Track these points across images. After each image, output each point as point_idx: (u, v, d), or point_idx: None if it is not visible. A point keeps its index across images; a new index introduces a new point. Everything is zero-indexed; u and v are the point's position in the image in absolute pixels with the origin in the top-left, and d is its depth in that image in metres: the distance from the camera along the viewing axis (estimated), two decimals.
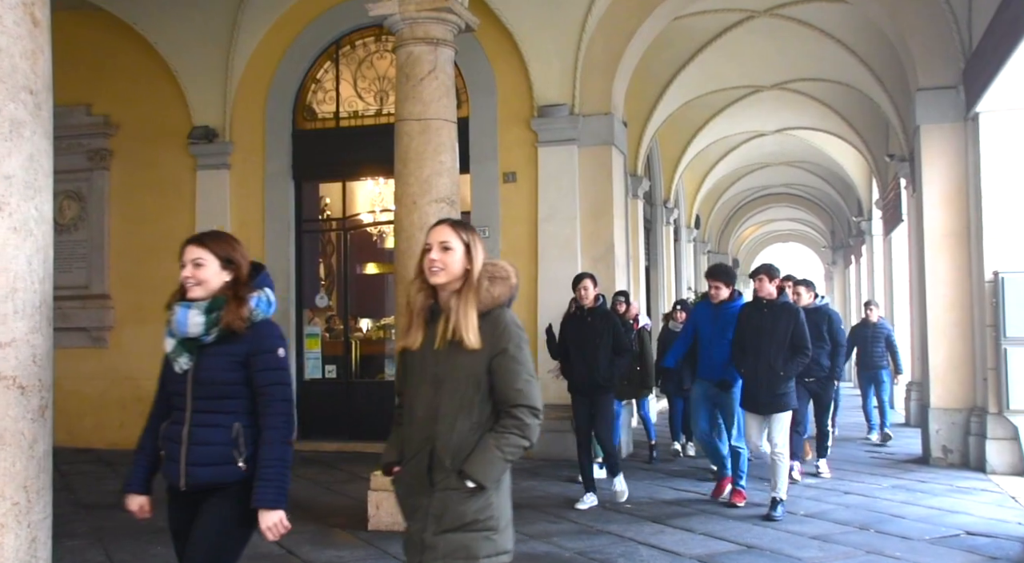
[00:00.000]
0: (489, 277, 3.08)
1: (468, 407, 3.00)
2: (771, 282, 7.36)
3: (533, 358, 3.16)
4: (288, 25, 11.63)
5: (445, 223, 3.18)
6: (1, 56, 3.20)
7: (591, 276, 7.91)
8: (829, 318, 9.17)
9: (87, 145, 12.11)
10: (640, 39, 11.02)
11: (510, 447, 2.97)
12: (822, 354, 8.92)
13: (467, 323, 2.98)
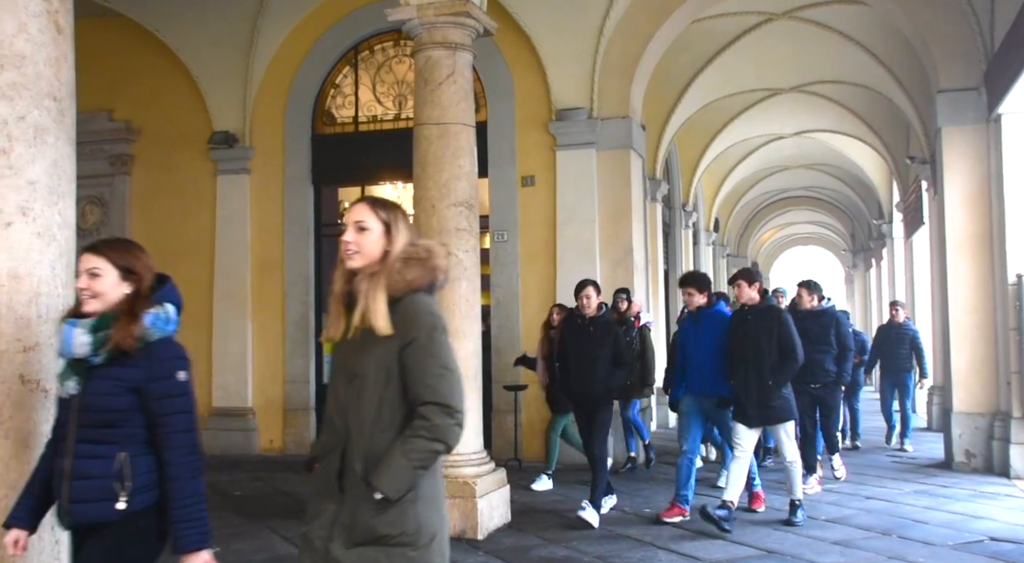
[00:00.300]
0: (403, 258, 2.75)
1: (379, 405, 2.66)
2: (751, 287, 7.02)
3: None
4: (307, 30, 11.69)
5: (362, 201, 2.87)
6: (25, 63, 3.24)
7: (593, 283, 7.51)
8: (836, 320, 8.87)
9: (109, 150, 12.21)
10: (658, 42, 11.00)
11: (417, 453, 2.60)
12: (828, 359, 8.68)
13: (375, 308, 2.66)
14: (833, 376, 8.77)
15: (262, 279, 11.71)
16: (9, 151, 3.20)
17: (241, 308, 11.70)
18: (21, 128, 3.24)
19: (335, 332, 2.80)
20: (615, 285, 10.29)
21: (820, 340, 8.59)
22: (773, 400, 6.83)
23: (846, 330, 8.95)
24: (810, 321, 8.62)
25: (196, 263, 11.80)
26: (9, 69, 3.21)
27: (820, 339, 8.59)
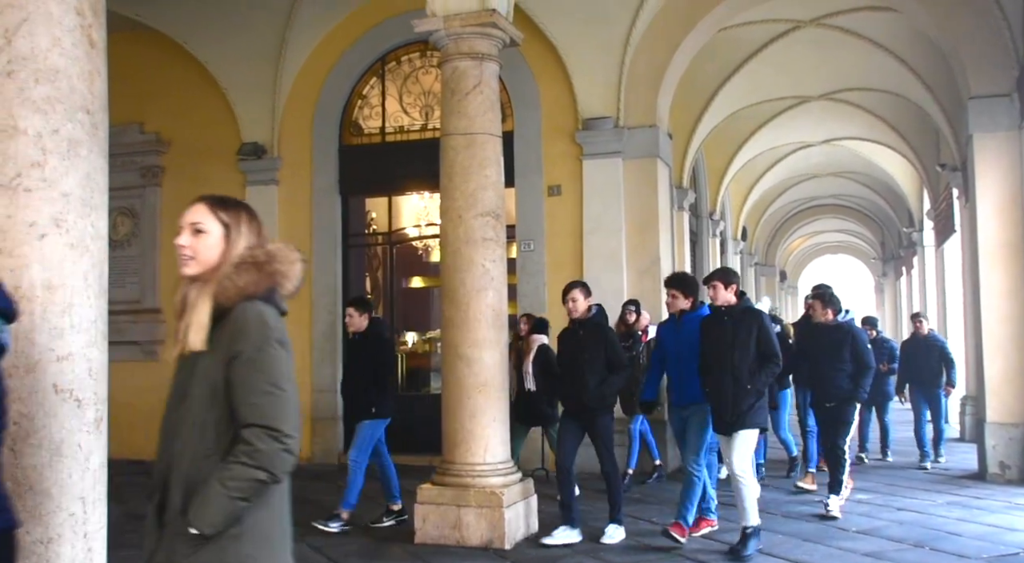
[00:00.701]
0: (236, 263, 2.47)
1: (202, 427, 2.37)
2: (727, 289, 6.57)
3: None
4: (335, 42, 11.77)
5: (201, 200, 2.59)
6: (59, 77, 3.28)
7: (580, 285, 7.14)
8: (852, 336, 8.04)
9: (140, 162, 12.36)
10: (685, 51, 10.98)
11: (236, 481, 2.28)
12: (841, 376, 7.90)
13: (194, 319, 2.42)
14: (847, 392, 7.93)
15: None
16: (43, 164, 3.25)
17: None
18: (55, 141, 3.28)
19: (174, 348, 2.52)
20: (642, 295, 10.26)
21: (833, 357, 7.96)
22: (746, 404, 6.35)
23: (863, 346, 8.08)
24: (823, 335, 8.14)
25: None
26: (44, 83, 3.25)
27: (833, 356, 7.96)
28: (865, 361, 8.00)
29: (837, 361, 7.95)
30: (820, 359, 8.12)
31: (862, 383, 7.96)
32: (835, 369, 7.94)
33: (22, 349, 3.15)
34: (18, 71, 3.23)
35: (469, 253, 7.05)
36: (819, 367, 8.15)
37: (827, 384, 8.01)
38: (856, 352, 7.97)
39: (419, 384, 12.09)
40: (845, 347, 7.96)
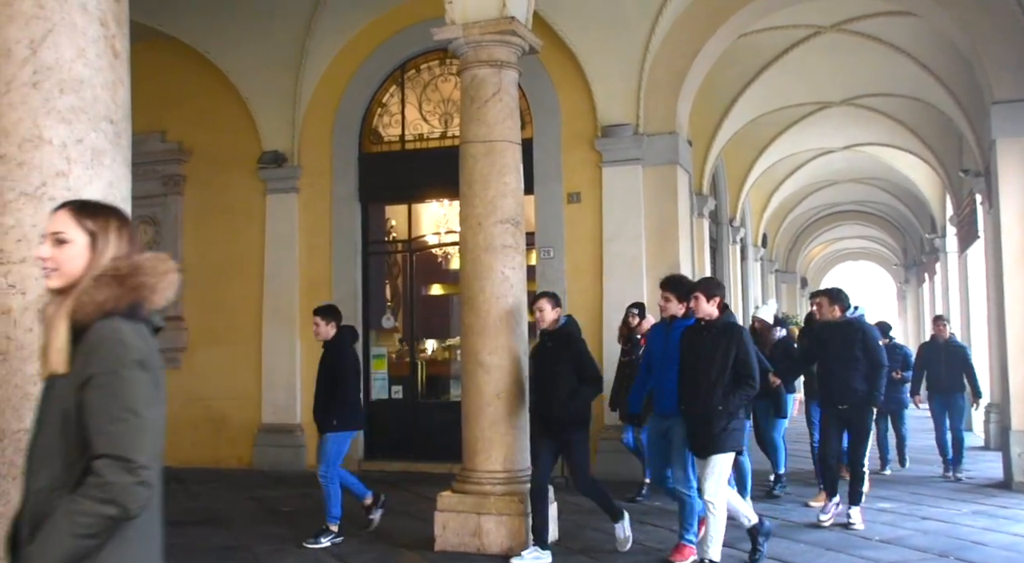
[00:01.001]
0: (96, 276, 2.23)
1: (53, 457, 2.17)
2: (709, 301, 6.14)
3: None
4: (355, 51, 11.83)
5: (65, 207, 2.34)
6: (84, 88, 3.31)
7: (549, 295, 6.87)
8: (862, 331, 7.73)
9: (162, 171, 12.45)
10: (705, 58, 10.96)
11: (83, 517, 2.07)
12: (855, 376, 7.54)
13: (52, 339, 2.20)
14: (863, 395, 7.55)
15: (310, 297, 11.81)
16: (68, 173, 3.28)
17: (290, 325, 11.82)
18: (79, 150, 3.31)
19: (44, 366, 2.27)
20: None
21: (844, 355, 7.58)
22: (718, 426, 5.93)
23: (875, 343, 7.74)
24: (830, 333, 7.77)
25: (246, 281, 11.98)
26: (68, 93, 3.28)
27: (844, 354, 7.58)
28: (877, 358, 7.62)
29: (849, 360, 7.57)
30: (830, 359, 7.74)
31: (876, 383, 7.57)
32: (848, 368, 7.56)
33: None
34: (43, 81, 3.26)
35: (489, 260, 7.05)
36: (830, 367, 7.76)
37: (840, 384, 7.62)
38: (868, 349, 7.61)
39: (439, 391, 12.10)
40: (856, 344, 7.60)
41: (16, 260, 3.22)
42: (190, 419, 11.63)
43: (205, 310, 12.03)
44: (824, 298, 8.01)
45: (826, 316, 7.94)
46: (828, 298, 7.96)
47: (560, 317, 6.80)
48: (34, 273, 3.21)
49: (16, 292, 3.21)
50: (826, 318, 7.94)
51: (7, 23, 3.30)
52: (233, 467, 11.75)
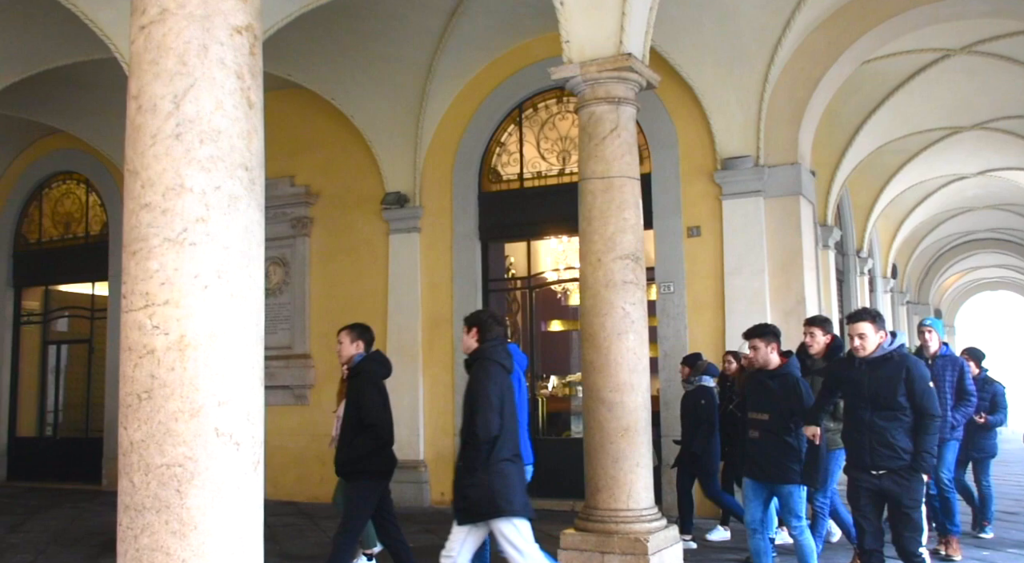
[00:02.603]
0: None
1: None
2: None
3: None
4: (473, 92, 12.08)
5: None
6: (221, 138, 3.49)
7: (352, 327, 6.54)
8: (907, 370, 5.48)
9: (291, 214, 12.94)
10: (826, 86, 10.72)
11: None
12: (896, 430, 5.39)
13: None
14: (907, 457, 5.43)
15: (432, 334, 12.03)
16: (207, 219, 3.44)
17: (413, 362, 12.03)
18: (217, 197, 3.48)
19: None
20: (788, 336, 9.95)
21: (881, 402, 5.51)
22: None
23: (923, 385, 5.51)
24: (862, 372, 5.63)
25: (370, 319, 12.16)
26: (208, 144, 3.46)
27: (881, 400, 5.50)
28: (926, 407, 5.45)
29: (888, 409, 5.49)
30: (863, 408, 5.61)
31: (924, 442, 5.43)
32: (886, 419, 5.48)
33: (187, 394, 3.32)
34: (185, 133, 3.45)
35: (609, 296, 7.03)
36: (867, 420, 5.58)
37: (875, 442, 5.52)
38: (913, 392, 5.46)
39: (560, 428, 12.07)
40: (898, 386, 5.48)
41: (160, 302, 3.38)
42: (318, 455, 11.92)
43: (331, 348, 12.27)
44: (817, 328, 7.20)
45: (813, 351, 7.28)
46: (821, 328, 7.23)
47: (359, 353, 6.52)
48: (176, 315, 3.37)
49: (160, 332, 3.37)
50: (815, 353, 7.18)
51: (153, 80, 3.51)
52: None
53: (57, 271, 15.58)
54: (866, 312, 5.79)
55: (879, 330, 5.67)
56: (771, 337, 6.31)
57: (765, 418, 6.20)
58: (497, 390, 5.37)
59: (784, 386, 6.18)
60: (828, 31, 10.45)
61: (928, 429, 5.44)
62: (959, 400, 7.85)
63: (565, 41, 7.38)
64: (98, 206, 15.22)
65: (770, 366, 6.29)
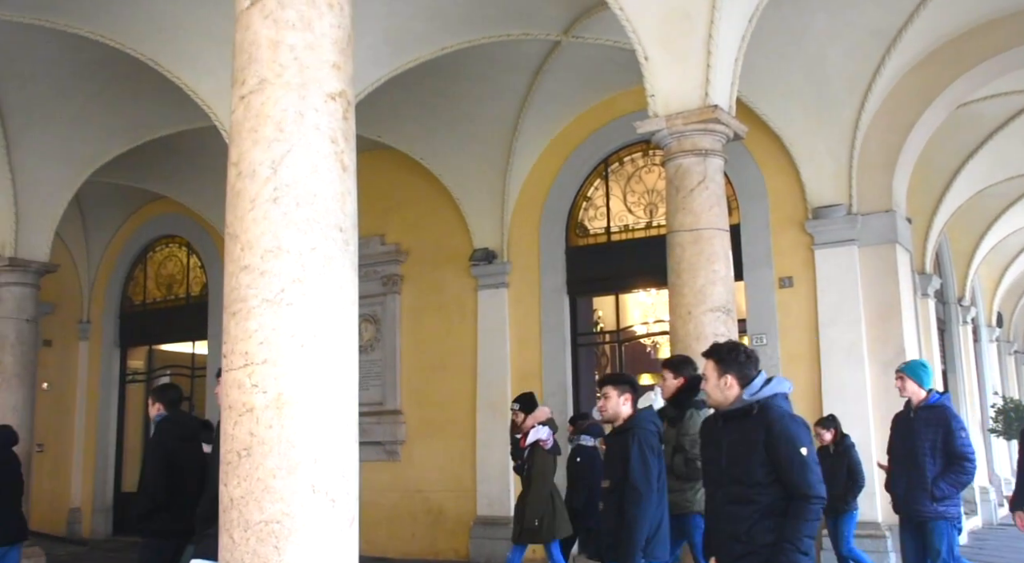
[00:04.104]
0: None
1: None
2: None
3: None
4: (559, 148, 12.20)
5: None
6: (317, 200, 3.60)
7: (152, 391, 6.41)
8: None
9: (381, 272, 13.18)
10: (920, 131, 10.48)
11: None
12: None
13: None
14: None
15: (521, 389, 11.95)
16: (303, 279, 3.54)
17: (503, 418, 11.97)
18: (313, 258, 3.58)
19: None
20: (886, 389, 9.63)
21: (734, 474, 4.14)
22: None
23: (790, 450, 4.01)
24: (722, 431, 4.35)
25: (460, 375, 12.34)
26: (304, 206, 3.58)
27: (734, 471, 4.13)
28: (797, 484, 4.00)
29: (740, 483, 4.14)
30: (708, 480, 4.47)
31: (791, 532, 4.03)
32: (738, 500, 4.13)
33: (284, 452, 3.39)
34: (282, 197, 3.58)
35: (700, 349, 6.87)
36: (709, 497, 4.49)
37: (723, 533, 4.48)
38: (778, 461, 4.02)
39: None
40: (755, 451, 4.07)
41: (259, 361, 3.48)
42: (410, 511, 11.97)
43: (422, 403, 12.48)
44: (667, 370, 6.38)
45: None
46: (673, 369, 6.29)
47: (158, 414, 6.38)
48: (274, 373, 3.45)
49: (258, 391, 3.46)
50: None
51: (252, 147, 3.66)
52: (451, 559, 11.92)
53: (160, 331, 16.14)
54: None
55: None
56: (626, 387, 5.35)
57: (607, 485, 5.26)
58: None
59: (621, 445, 5.16)
60: (920, 75, 10.25)
61: (800, 513, 3.93)
62: (949, 464, 6.25)
63: (650, 95, 7.42)
64: (198, 268, 15.77)
65: (618, 420, 5.29)
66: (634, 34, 7.45)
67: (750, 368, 4.16)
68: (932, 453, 6.22)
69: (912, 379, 6.53)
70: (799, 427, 4.08)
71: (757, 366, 4.20)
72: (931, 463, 6.21)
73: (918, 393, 6.45)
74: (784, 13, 8.87)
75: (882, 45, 9.79)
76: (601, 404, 5.36)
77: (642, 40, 7.43)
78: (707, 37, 7.18)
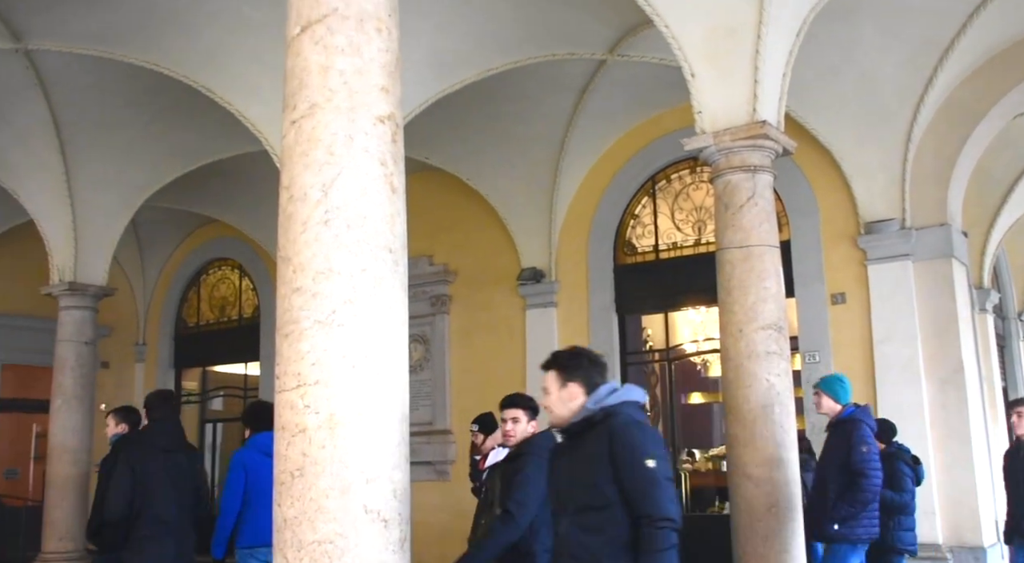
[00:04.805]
0: None
1: None
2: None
3: None
4: (605, 166, 12.19)
5: None
6: (367, 222, 3.64)
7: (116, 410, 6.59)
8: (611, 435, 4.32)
9: (430, 292, 13.26)
10: (975, 143, 10.29)
11: None
12: None
13: None
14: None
15: None
16: (354, 301, 3.58)
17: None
18: (363, 279, 3.62)
19: None
20: (944, 406, 9.46)
21: (576, 496, 3.71)
22: None
23: (634, 462, 3.50)
24: (565, 452, 4.04)
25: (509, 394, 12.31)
26: (355, 228, 3.62)
27: (576, 493, 3.69)
28: (643, 506, 3.46)
29: (583, 508, 3.61)
30: (554, 508, 3.99)
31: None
32: (584, 528, 3.59)
33: (336, 472, 3.41)
34: (333, 219, 3.62)
35: (752, 368, 6.85)
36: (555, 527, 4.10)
37: None
38: (623, 478, 3.48)
39: (705, 504, 11.69)
40: (599, 466, 3.58)
41: (311, 382, 3.52)
42: (461, 531, 11.88)
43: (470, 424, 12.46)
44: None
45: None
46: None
47: (114, 433, 6.50)
48: (326, 394, 3.49)
49: (311, 411, 3.50)
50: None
51: (303, 171, 3.71)
52: None
53: (213, 352, 16.39)
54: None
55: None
56: (532, 413, 5.09)
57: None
58: None
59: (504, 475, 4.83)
60: (974, 86, 10.08)
61: (650, 542, 3.37)
62: (849, 482, 5.97)
63: (697, 112, 7.38)
64: (250, 290, 16.00)
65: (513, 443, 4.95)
66: (680, 51, 7.44)
67: (595, 375, 3.71)
68: (839, 470, 5.96)
69: (828, 395, 6.30)
70: (647, 436, 3.55)
71: (604, 374, 3.75)
72: (835, 481, 5.96)
73: (834, 408, 6.20)
74: (832, 26, 8.78)
75: (934, 56, 9.65)
76: (511, 429, 5.04)
77: (688, 57, 7.41)
78: (754, 52, 7.14)
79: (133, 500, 5.69)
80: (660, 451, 3.54)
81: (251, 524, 5.94)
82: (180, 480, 5.92)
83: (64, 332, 11.90)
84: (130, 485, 5.73)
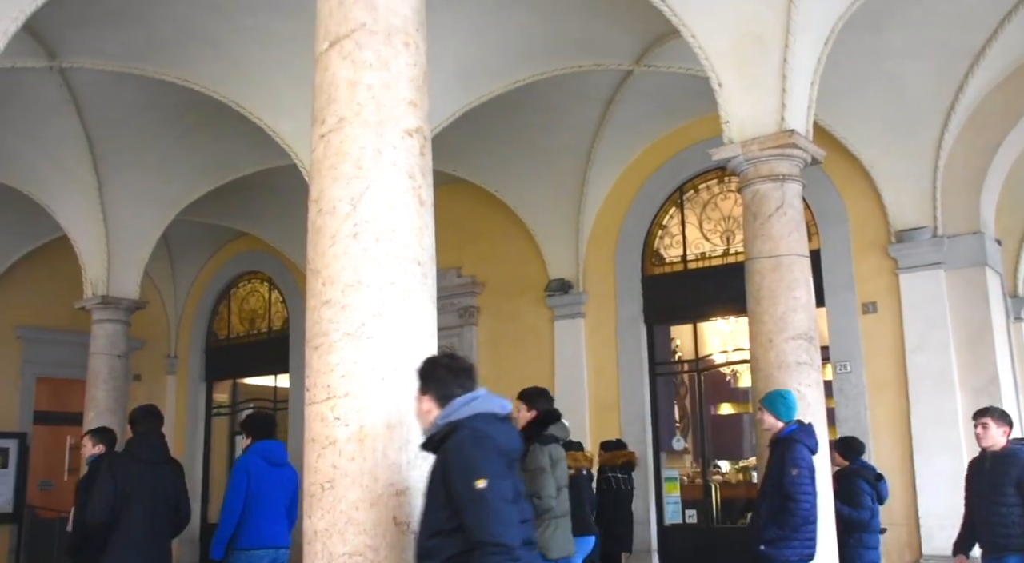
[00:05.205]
0: None
1: None
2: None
3: None
4: (633, 177, 12.17)
5: None
6: (395, 235, 3.66)
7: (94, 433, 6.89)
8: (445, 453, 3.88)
9: (458, 304, 13.28)
10: (1008, 149, 10.16)
11: None
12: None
13: None
14: None
15: (600, 419, 11.91)
16: (383, 313, 3.60)
17: None
18: (392, 292, 3.63)
19: None
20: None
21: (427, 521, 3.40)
22: None
23: (460, 481, 3.14)
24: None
25: None
26: (384, 241, 3.64)
27: (427, 518, 3.34)
28: (472, 530, 3.12)
29: (432, 533, 3.34)
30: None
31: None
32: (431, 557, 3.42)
33: (367, 485, 3.42)
34: (362, 233, 3.64)
35: (782, 378, 6.80)
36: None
37: None
38: (452, 496, 3.20)
39: (735, 515, 11.59)
40: (436, 487, 3.31)
41: (341, 394, 3.53)
42: None
43: None
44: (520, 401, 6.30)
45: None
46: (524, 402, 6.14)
47: (91, 453, 6.69)
48: (356, 406, 3.50)
49: (341, 424, 3.51)
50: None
51: (332, 184, 3.74)
52: None
53: (243, 365, 16.50)
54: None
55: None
56: None
57: None
58: None
59: None
60: (1005, 92, 9.96)
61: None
62: (783, 505, 5.70)
63: (725, 121, 7.36)
64: (280, 303, 16.10)
65: None
66: (707, 61, 7.42)
67: (452, 385, 3.38)
68: (774, 490, 5.75)
69: (769, 411, 5.96)
70: (485, 452, 3.15)
71: (467, 382, 3.45)
72: (768, 501, 5.76)
73: (775, 425, 5.92)
74: (860, 34, 8.72)
75: (965, 63, 9.55)
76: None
77: (715, 67, 7.40)
78: (782, 61, 7.11)
79: (115, 506, 5.76)
80: (497, 468, 3.13)
81: (251, 527, 6.10)
82: (161, 492, 5.95)
83: (97, 345, 12.03)
84: (112, 492, 5.79)
